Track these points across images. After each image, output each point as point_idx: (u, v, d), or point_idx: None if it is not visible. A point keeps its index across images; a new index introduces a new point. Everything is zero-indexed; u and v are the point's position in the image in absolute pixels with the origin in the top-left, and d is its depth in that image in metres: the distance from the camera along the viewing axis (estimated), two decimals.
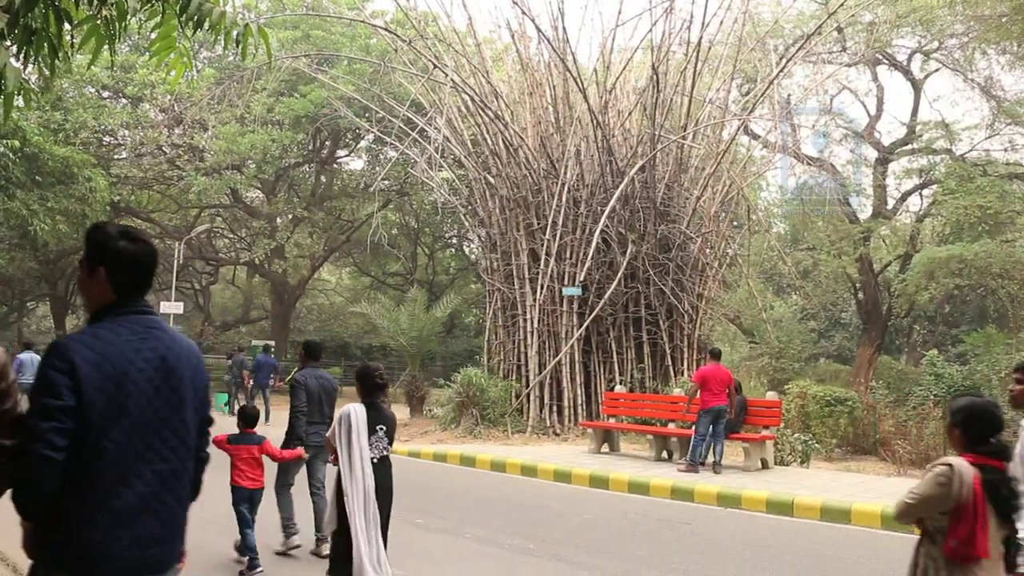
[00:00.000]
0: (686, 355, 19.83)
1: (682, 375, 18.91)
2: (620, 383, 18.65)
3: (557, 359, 18.98)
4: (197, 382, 2.95)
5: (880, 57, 25.26)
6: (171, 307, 27.78)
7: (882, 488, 11.91)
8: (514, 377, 20.13)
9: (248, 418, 7.92)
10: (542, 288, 19.20)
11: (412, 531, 9.13)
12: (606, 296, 18.68)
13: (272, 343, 31.41)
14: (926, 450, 15.51)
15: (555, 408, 19.29)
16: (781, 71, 20.49)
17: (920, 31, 23.63)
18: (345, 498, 6.02)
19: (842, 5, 19.09)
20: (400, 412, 21.87)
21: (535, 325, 19.55)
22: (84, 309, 3.06)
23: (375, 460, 6.16)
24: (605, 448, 16.15)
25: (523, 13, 20.06)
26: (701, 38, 18.84)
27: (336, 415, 6.42)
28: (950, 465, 3.70)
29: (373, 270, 41.80)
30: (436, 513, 10.45)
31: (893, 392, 19.92)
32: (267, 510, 7.90)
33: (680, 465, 13.69)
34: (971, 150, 24.82)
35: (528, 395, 19.31)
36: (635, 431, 16.17)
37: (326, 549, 7.35)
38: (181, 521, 2.91)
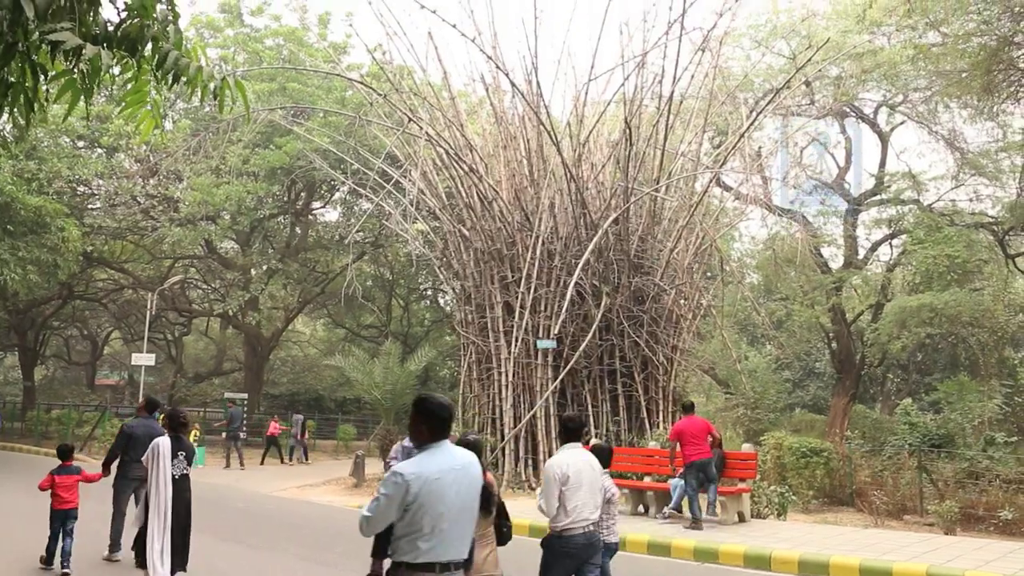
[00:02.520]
0: (661, 407, 19.80)
1: (657, 427, 18.87)
2: (595, 436, 18.55)
3: (532, 412, 18.88)
4: None
5: (847, 110, 25.73)
6: (143, 359, 27.42)
7: (860, 540, 11.86)
8: (489, 430, 20.00)
9: (65, 453, 9.82)
10: (517, 341, 19.16)
11: None
12: (581, 349, 18.66)
13: (245, 396, 31.08)
14: (902, 500, 15.55)
15: (530, 462, 19.14)
16: (752, 124, 20.79)
17: (885, 85, 24.13)
18: (150, 505, 8.04)
19: (810, 60, 19.45)
20: (374, 466, 21.72)
21: (510, 378, 19.47)
22: None
23: (176, 477, 8.15)
24: None
25: (497, 67, 20.31)
26: (673, 92, 19.13)
27: (150, 446, 8.29)
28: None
29: (347, 322, 41.61)
30: None
31: (868, 442, 20.01)
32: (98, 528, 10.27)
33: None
34: (938, 200, 25.22)
35: (503, 449, 19.16)
36: None
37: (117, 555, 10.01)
38: None
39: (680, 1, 17.49)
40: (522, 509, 15.57)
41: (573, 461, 6.25)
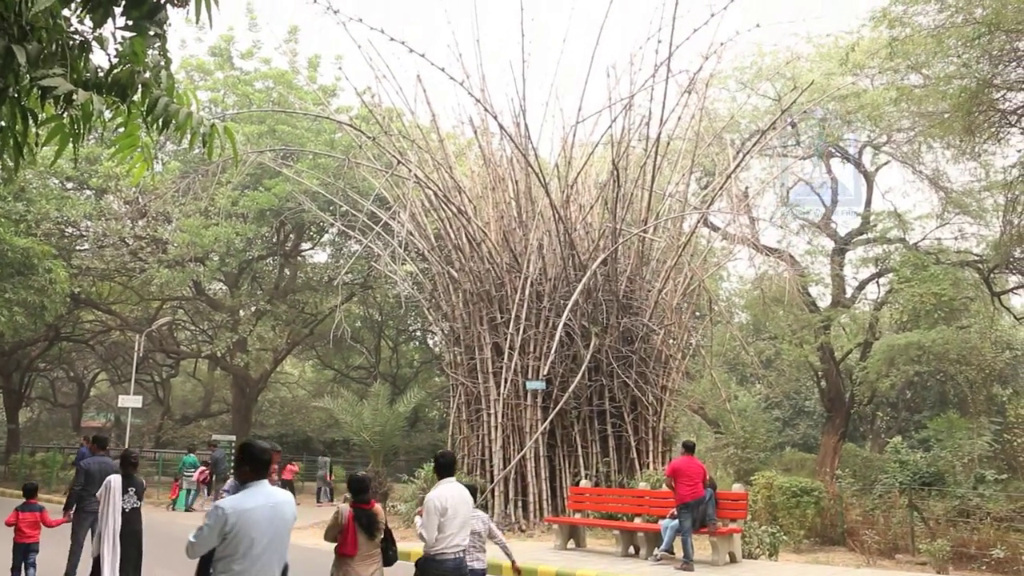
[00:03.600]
0: (651, 448, 19.73)
1: (647, 468, 18.79)
2: (585, 477, 18.47)
3: (522, 454, 18.80)
4: None
5: (833, 151, 26.00)
6: (130, 400, 27.25)
7: None
8: (478, 472, 19.89)
9: (30, 491, 10.73)
10: (506, 382, 19.12)
11: None
12: (570, 389, 18.64)
13: (232, 438, 30.84)
14: (894, 539, 15.45)
15: (520, 503, 19.02)
16: (738, 165, 20.98)
17: (869, 126, 24.40)
18: (102, 536, 8.95)
19: (795, 102, 19.70)
20: (306, 516, 21.47)
21: (499, 419, 19.40)
22: None
23: (127, 510, 9.11)
24: (571, 544, 15.89)
25: (485, 110, 20.49)
26: (660, 133, 19.31)
27: (104, 482, 9.27)
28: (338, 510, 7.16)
29: (336, 363, 41.44)
30: None
31: (859, 480, 19.94)
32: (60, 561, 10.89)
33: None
34: (923, 239, 25.40)
35: (493, 490, 19.03)
36: (601, 526, 15.94)
37: None
38: None
39: (666, 44, 17.71)
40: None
41: (451, 495, 7.09)
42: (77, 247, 30.76)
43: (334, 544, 7.12)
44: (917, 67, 17.39)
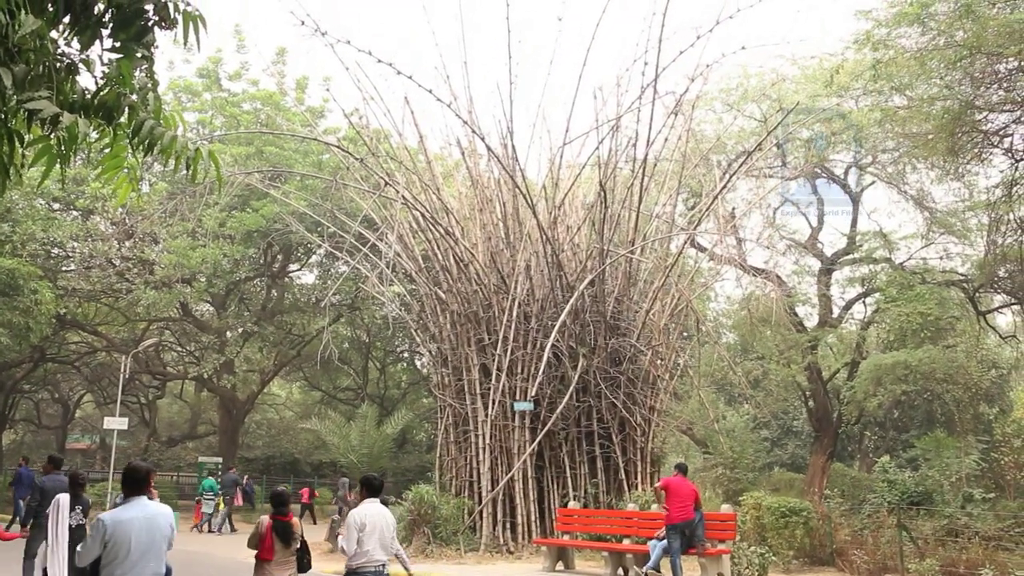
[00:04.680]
0: (639, 468, 19.70)
1: (636, 489, 18.75)
2: (574, 499, 18.42)
3: (510, 475, 18.74)
4: None
5: (818, 171, 26.16)
6: (115, 423, 27.00)
7: None
8: (466, 494, 19.80)
9: None
10: (494, 403, 19.08)
11: None
12: (558, 411, 18.61)
13: (219, 459, 30.66)
14: (883, 559, 15.45)
15: (508, 525, 18.94)
16: (725, 186, 21.10)
17: (855, 147, 24.58)
18: (49, 551, 9.46)
19: (780, 123, 19.85)
20: (316, 534, 21.32)
21: (487, 441, 19.34)
22: None
23: (73, 526, 9.55)
24: (560, 566, 15.83)
25: (473, 131, 20.54)
26: (647, 155, 19.40)
27: (53, 500, 9.76)
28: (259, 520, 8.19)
29: (324, 384, 41.28)
30: None
31: (848, 500, 19.93)
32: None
33: None
34: (909, 259, 25.55)
35: (481, 512, 18.94)
36: (590, 548, 15.89)
37: None
38: None
39: (653, 66, 17.84)
40: (499, 574, 15.39)
41: (371, 513, 7.89)
42: (63, 268, 30.57)
43: (255, 551, 8.06)
44: (901, 89, 17.54)
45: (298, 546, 8.15)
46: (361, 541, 7.71)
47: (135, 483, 5.81)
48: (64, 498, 9.79)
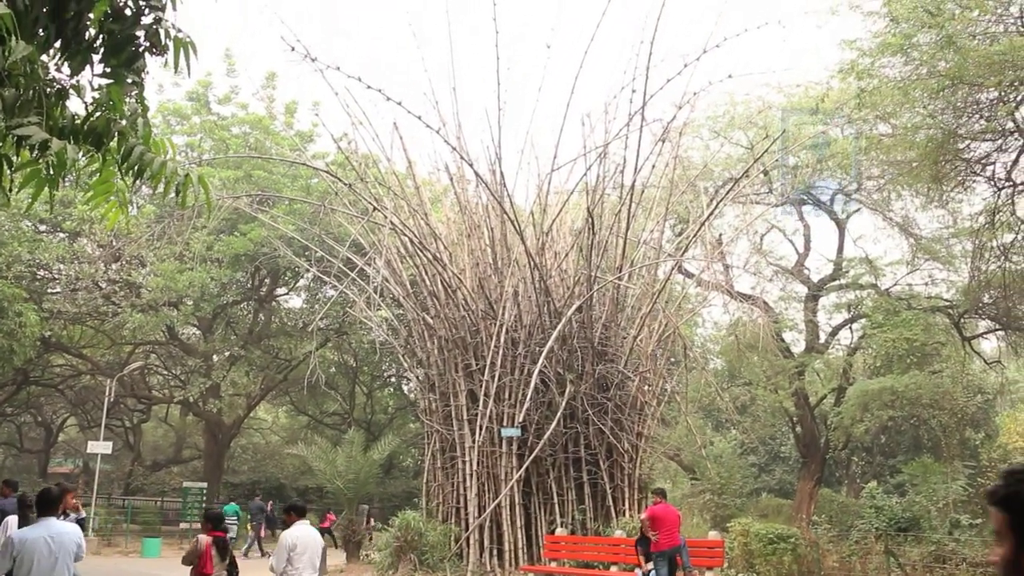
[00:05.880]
0: (627, 495, 19.62)
1: (624, 515, 18.67)
2: (561, 525, 18.33)
3: (497, 501, 18.63)
4: None
5: (805, 198, 26.35)
6: (99, 446, 26.79)
7: None
8: (453, 520, 19.67)
9: None
10: (481, 429, 19.01)
11: None
12: (545, 437, 18.54)
13: (204, 484, 30.40)
14: None
15: (496, 552, 18.80)
16: (712, 212, 21.20)
17: (840, 174, 24.78)
18: None
19: (767, 150, 19.99)
20: (336, 557, 21.19)
21: (474, 467, 19.24)
22: None
23: None
24: None
25: (461, 157, 20.59)
26: (635, 181, 19.48)
27: (3, 521, 10.21)
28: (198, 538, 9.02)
29: (310, 409, 41.09)
30: None
31: (835, 526, 19.95)
32: None
33: None
34: (895, 285, 25.72)
35: (468, 539, 18.81)
36: (577, 575, 15.79)
37: None
38: None
39: (641, 93, 17.98)
40: None
41: (301, 535, 8.44)
42: (49, 290, 30.40)
43: (190, 567, 8.89)
44: (885, 117, 17.73)
45: (229, 562, 9.13)
46: (292, 560, 8.25)
47: (46, 504, 6.60)
48: (13, 520, 10.17)
